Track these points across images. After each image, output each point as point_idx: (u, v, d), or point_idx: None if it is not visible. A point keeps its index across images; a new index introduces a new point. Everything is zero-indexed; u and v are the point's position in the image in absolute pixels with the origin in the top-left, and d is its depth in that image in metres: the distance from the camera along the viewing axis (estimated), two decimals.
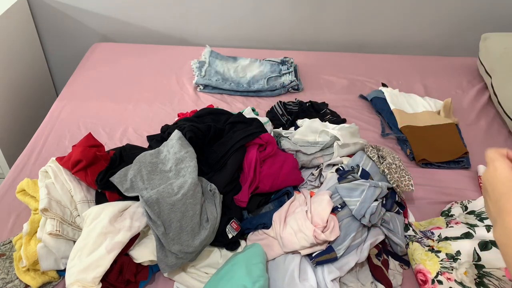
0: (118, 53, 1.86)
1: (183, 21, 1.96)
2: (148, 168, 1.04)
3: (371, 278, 0.97)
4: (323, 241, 0.94)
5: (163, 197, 0.94)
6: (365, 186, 1.01)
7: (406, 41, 2.01)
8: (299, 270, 0.94)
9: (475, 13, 1.89)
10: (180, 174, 1.01)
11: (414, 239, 1.03)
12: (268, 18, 1.94)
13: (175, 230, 0.93)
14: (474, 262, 0.94)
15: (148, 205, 0.93)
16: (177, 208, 0.93)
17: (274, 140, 1.16)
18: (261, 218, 1.05)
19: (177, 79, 1.71)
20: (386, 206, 1.04)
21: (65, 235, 0.95)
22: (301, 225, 0.96)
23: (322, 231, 0.94)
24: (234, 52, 1.87)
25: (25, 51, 1.86)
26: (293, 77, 1.66)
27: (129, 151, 1.15)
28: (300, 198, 1.07)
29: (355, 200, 0.99)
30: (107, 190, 1.04)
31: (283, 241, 0.97)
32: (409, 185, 1.09)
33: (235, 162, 1.10)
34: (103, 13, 1.94)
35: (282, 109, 1.48)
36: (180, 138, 1.08)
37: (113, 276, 0.91)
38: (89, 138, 1.13)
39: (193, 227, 0.94)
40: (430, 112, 1.51)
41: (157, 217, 0.93)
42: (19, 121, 1.80)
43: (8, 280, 0.94)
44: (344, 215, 1.01)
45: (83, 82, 1.67)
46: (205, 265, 1.00)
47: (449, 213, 1.14)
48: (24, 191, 1.03)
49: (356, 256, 0.95)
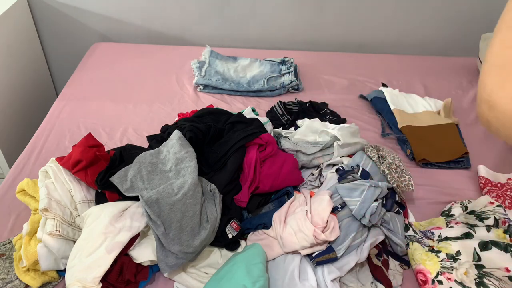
0: (118, 53, 1.86)
1: (183, 21, 1.96)
2: (148, 168, 1.04)
3: (371, 278, 0.97)
4: (323, 241, 0.94)
5: (163, 197, 0.94)
6: (365, 186, 1.01)
7: (406, 41, 2.01)
8: (299, 270, 0.94)
9: (475, 13, 1.89)
10: (180, 174, 1.01)
11: (414, 239, 1.03)
12: (268, 18, 1.94)
13: (175, 230, 0.93)
14: (474, 262, 0.94)
15: (148, 205, 0.93)
16: (177, 208, 0.93)
17: (274, 140, 1.16)
18: (261, 218, 1.05)
19: (177, 79, 1.71)
20: (386, 206, 1.04)
21: (65, 235, 0.95)
22: (301, 225, 0.96)
23: (322, 231, 0.94)
24: (234, 52, 1.87)
25: (25, 51, 1.86)
26: (293, 77, 1.66)
27: (129, 151, 1.15)
28: (300, 198, 1.07)
29: (355, 200, 0.99)
30: (107, 190, 1.04)
31: (283, 241, 0.97)
32: (409, 185, 1.09)
33: (235, 162, 1.10)
34: (103, 13, 1.94)
35: (282, 109, 1.48)
36: (180, 138, 1.08)
37: (113, 276, 0.91)
38: (89, 138, 1.13)
39: (193, 227, 0.94)
40: (430, 112, 1.51)
41: (157, 217, 0.93)
42: (19, 121, 1.80)
43: (8, 280, 0.94)
44: (344, 215, 1.01)
45: (83, 82, 1.67)
46: (205, 265, 1.00)
47: (449, 213, 1.14)
48: (24, 191, 1.02)
49: (356, 256, 0.95)
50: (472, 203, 1.12)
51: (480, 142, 1.44)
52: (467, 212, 1.11)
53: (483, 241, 0.96)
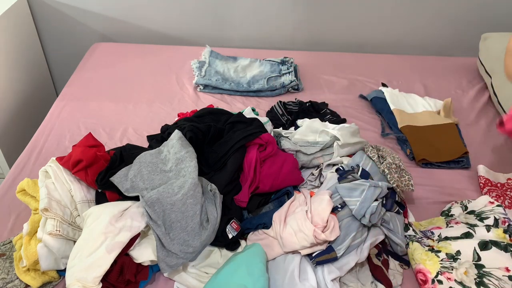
0: (118, 53, 1.86)
1: (183, 21, 1.96)
2: (148, 168, 1.04)
3: (371, 278, 0.97)
4: (323, 241, 0.94)
5: (164, 197, 0.94)
6: (365, 186, 1.01)
7: (406, 41, 2.01)
8: (299, 270, 0.94)
9: (475, 13, 1.89)
10: (180, 174, 1.01)
11: (414, 239, 1.03)
12: (268, 18, 1.94)
13: (176, 230, 0.93)
14: (474, 262, 0.94)
15: (149, 205, 0.93)
16: (178, 208, 0.93)
17: (274, 140, 1.16)
18: (261, 218, 1.05)
19: (177, 79, 1.71)
20: (386, 206, 1.04)
21: (65, 235, 0.95)
22: (301, 225, 0.96)
23: (322, 231, 0.94)
24: (234, 52, 1.87)
25: (25, 51, 1.86)
26: (293, 77, 1.66)
27: (129, 151, 1.15)
28: (300, 198, 1.07)
29: (355, 200, 1.00)
30: (107, 190, 1.04)
31: (283, 241, 0.97)
32: (409, 185, 1.09)
33: (235, 162, 1.10)
34: (103, 13, 1.94)
35: (282, 109, 1.48)
36: (180, 138, 1.08)
37: (113, 276, 0.91)
38: (89, 138, 1.13)
39: (194, 227, 0.94)
40: (430, 112, 1.51)
41: (157, 217, 0.93)
42: (19, 121, 1.80)
43: (8, 280, 0.94)
44: (344, 215, 1.01)
45: (83, 82, 1.67)
46: (205, 265, 1.00)
47: (449, 213, 1.14)
48: (24, 191, 1.02)
49: (356, 256, 0.95)
50: (472, 203, 1.12)
51: (480, 142, 1.44)
52: (467, 212, 1.11)
53: (483, 241, 0.96)
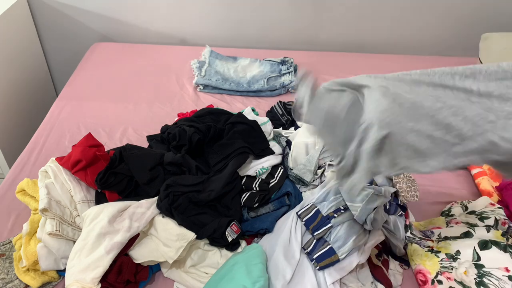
0: (118, 53, 1.86)
1: (183, 21, 1.96)
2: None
3: (371, 278, 0.97)
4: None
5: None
6: (368, 191, 0.99)
7: (406, 41, 2.00)
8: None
9: (475, 13, 1.89)
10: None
11: (414, 242, 1.03)
12: (268, 18, 1.94)
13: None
14: (474, 262, 0.94)
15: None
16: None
17: None
18: (262, 222, 1.05)
19: (177, 79, 1.71)
20: (390, 211, 1.03)
21: (65, 235, 0.95)
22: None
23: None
24: (234, 52, 1.87)
25: (25, 51, 1.86)
26: (293, 77, 1.66)
27: (129, 151, 1.15)
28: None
29: (357, 206, 0.98)
30: (106, 190, 1.04)
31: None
32: (414, 196, 1.08)
33: (235, 164, 1.09)
34: (103, 13, 1.94)
35: (282, 109, 1.48)
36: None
37: (112, 276, 0.91)
38: (89, 138, 1.13)
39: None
40: None
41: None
42: (19, 121, 1.80)
43: (8, 280, 0.94)
44: (346, 217, 1.00)
45: (83, 82, 1.67)
46: (205, 265, 1.00)
47: (449, 213, 1.14)
48: (24, 191, 1.03)
49: (357, 257, 0.95)
50: (472, 203, 1.12)
51: None
52: (467, 212, 1.11)
53: (483, 241, 0.96)
